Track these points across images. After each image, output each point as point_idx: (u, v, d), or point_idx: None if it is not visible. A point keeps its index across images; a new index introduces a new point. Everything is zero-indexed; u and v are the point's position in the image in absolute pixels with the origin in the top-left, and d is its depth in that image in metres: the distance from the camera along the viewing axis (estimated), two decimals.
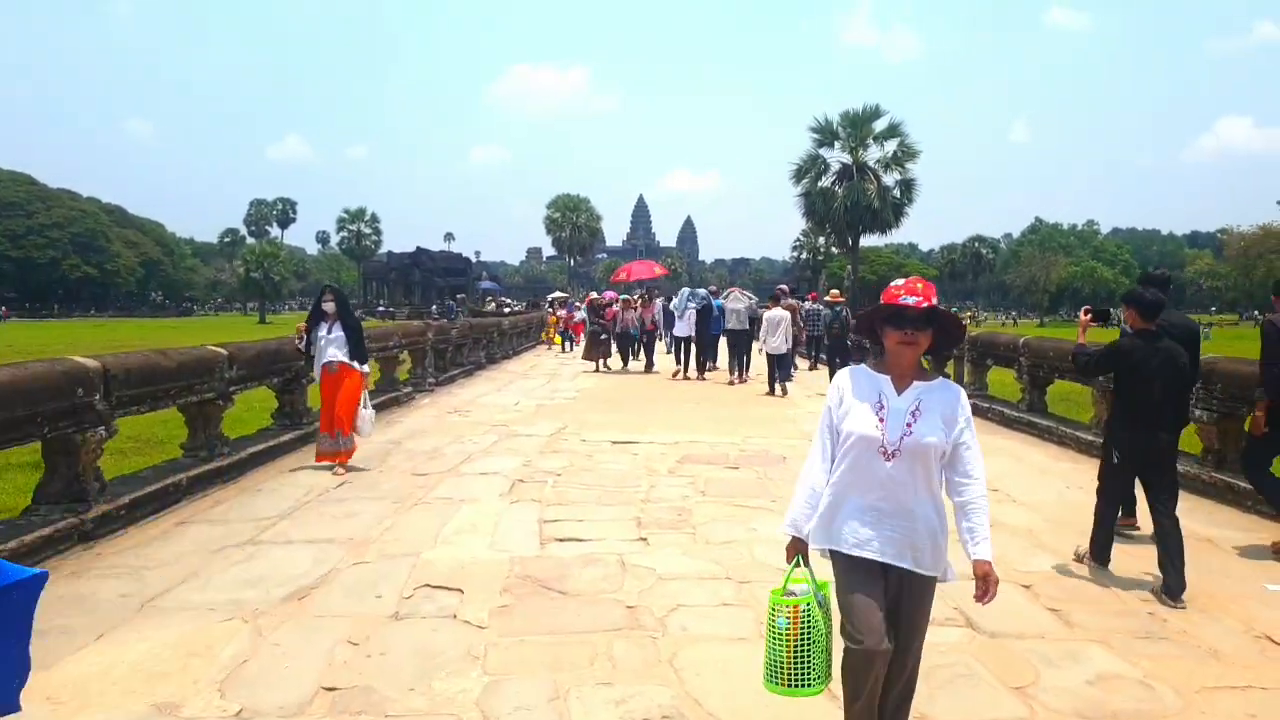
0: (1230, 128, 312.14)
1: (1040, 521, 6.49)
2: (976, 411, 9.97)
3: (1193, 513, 6.67)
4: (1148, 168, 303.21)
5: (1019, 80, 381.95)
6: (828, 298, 17.51)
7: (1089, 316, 5.61)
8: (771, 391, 15.10)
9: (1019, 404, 11.28)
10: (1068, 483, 7.86)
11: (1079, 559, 5.44)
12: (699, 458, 8.90)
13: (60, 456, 5.90)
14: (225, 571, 5.26)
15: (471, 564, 5.38)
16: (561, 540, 5.91)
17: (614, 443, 9.84)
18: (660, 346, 20.88)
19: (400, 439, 10.07)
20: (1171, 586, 4.80)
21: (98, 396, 6.06)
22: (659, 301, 20.80)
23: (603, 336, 20.09)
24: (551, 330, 30.42)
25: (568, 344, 27.90)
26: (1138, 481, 5.38)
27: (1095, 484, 5.48)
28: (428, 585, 4.99)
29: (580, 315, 31.86)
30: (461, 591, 4.88)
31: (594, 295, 25.96)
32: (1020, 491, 7.50)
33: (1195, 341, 6.09)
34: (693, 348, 18.15)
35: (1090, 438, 9.11)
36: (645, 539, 5.93)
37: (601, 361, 20.09)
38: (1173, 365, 5.04)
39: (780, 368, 15.45)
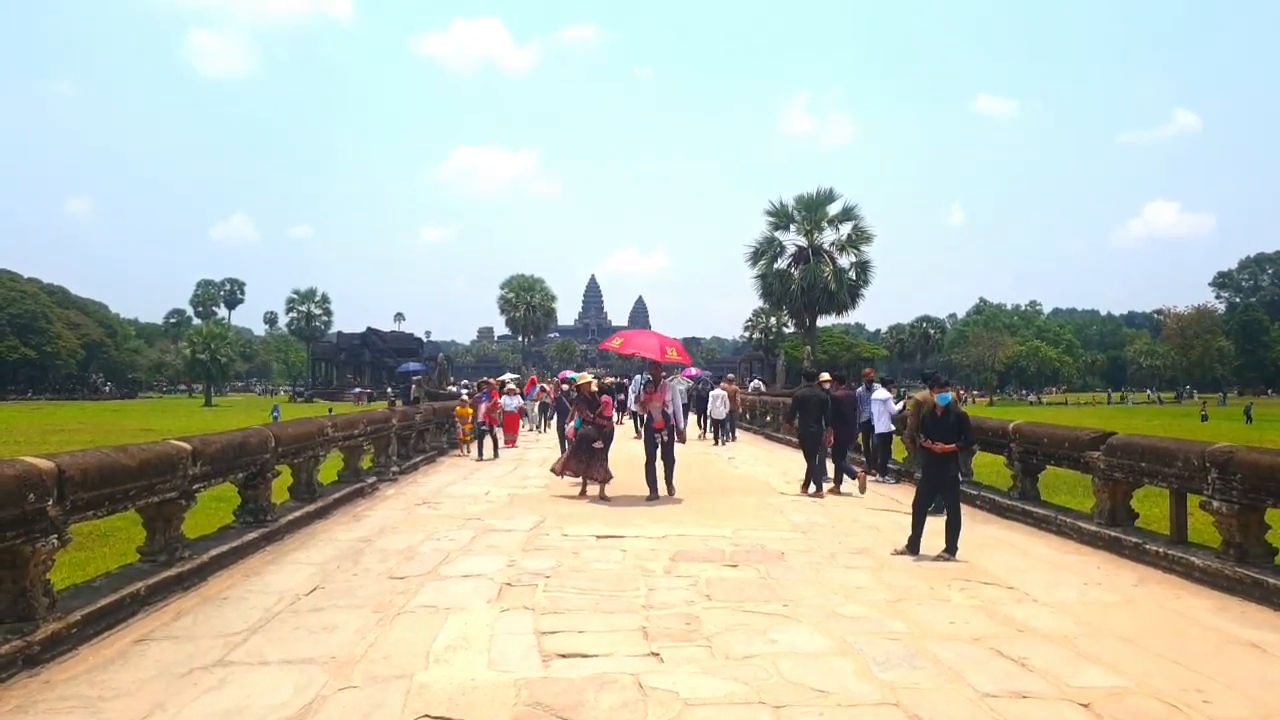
0: (1157, 212, 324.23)
1: (1072, 625, 6.09)
2: (965, 499, 9.72)
3: (1224, 611, 6.38)
4: (1082, 250, 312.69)
5: (953, 165, 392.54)
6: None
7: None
8: (717, 443, 22.86)
9: (1010, 491, 10.97)
10: (1085, 578, 7.51)
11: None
12: (693, 554, 8.43)
13: (5, 571, 5.25)
14: (196, 701, 4.67)
15: (473, 688, 4.85)
16: (565, 656, 5.41)
17: (599, 537, 9.35)
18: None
19: (370, 536, 9.48)
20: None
21: (51, 501, 5.47)
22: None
23: (597, 443, 12.61)
24: (467, 426, 19.92)
25: (489, 444, 19.21)
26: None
27: (1111, 578, 7.41)
28: (428, 716, 4.46)
29: (515, 403, 22.86)
30: None
31: (586, 376, 17.98)
32: (1039, 591, 7.08)
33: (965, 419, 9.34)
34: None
35: (1094, 528, 8.79)
36: (657, 654, 5.44)
37: (602, 486, 12.55)
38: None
39: (721, 430, 23.35)
